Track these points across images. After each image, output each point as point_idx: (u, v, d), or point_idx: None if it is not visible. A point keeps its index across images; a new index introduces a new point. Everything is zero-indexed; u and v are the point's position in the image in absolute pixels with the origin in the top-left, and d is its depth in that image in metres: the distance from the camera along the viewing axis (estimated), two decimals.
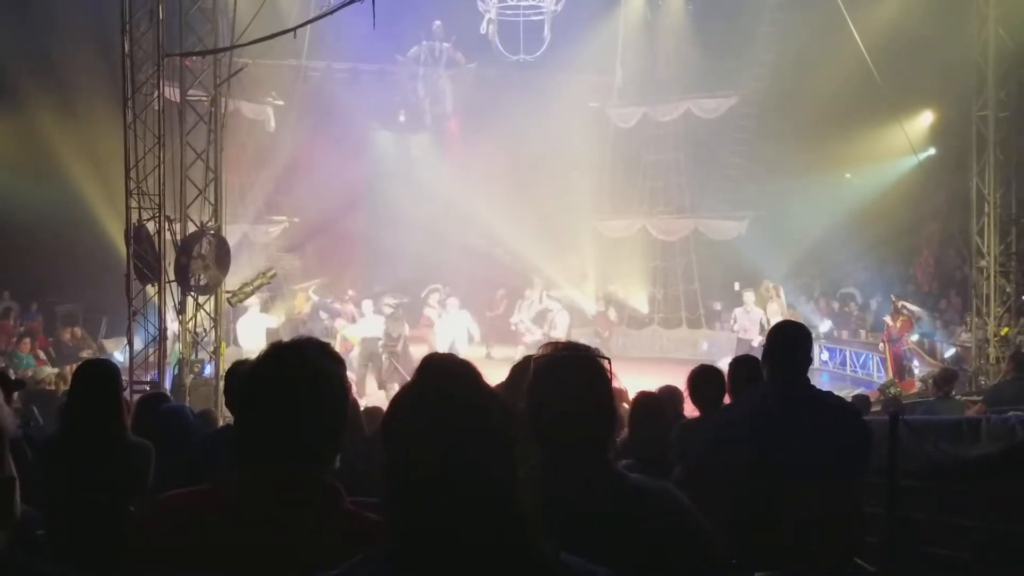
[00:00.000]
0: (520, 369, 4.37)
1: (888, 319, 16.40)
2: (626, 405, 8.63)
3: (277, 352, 1.97)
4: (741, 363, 4.83)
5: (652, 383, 14.77)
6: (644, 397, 5.40)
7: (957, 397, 10.88)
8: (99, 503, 3.95)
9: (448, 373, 1.60)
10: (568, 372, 2.16)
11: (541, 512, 1.80)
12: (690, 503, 2.14)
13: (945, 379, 10.55)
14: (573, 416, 2.12)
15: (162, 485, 4.15)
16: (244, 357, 4.97)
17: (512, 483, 1.53)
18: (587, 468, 2.11)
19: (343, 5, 10.20)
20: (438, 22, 21.07)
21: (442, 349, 15.13)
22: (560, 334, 16.33)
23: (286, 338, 2.17)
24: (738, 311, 18.22)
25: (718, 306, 22.20)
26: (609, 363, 2.20)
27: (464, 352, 15.35)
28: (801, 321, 19.94)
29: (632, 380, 14.89)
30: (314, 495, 1.87)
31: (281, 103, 19.93)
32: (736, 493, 3.92)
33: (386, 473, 1.52)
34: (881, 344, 16.99)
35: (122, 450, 4.09)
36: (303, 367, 1.91)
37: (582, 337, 21.61)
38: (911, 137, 16.52)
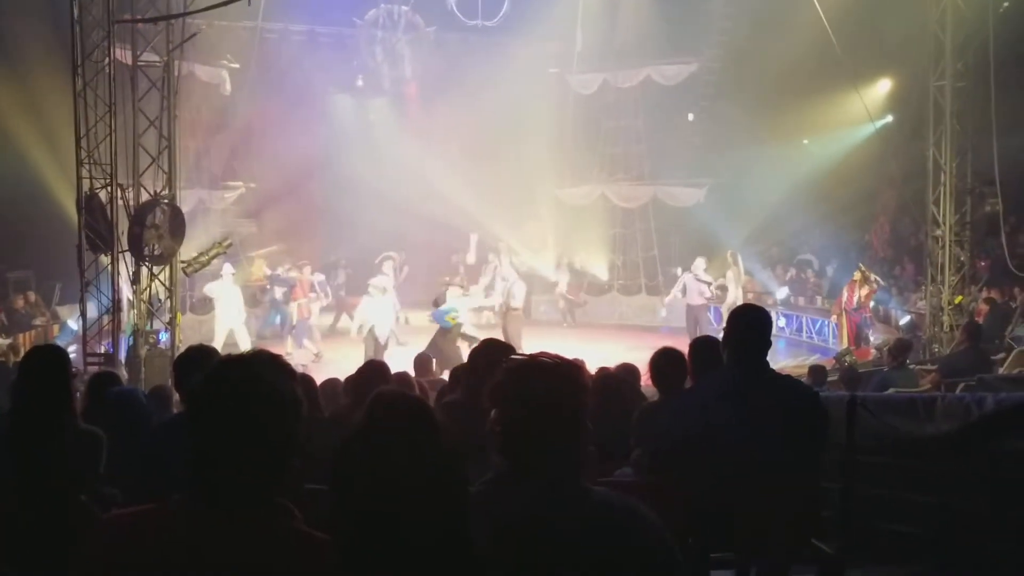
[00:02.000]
0: (479, 354, 4.35)
1: (859, 288, 16.43)
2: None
3: (226, 368, 1.90)
4: (702, 346, 4.82)
5: (612, 350, 14.83)
6: (603, 378, 5.40)
7: (911, 366, 11.06)
8: (48, 491, 3.87)
9: (400, 419, 1.56)
10: (536, 384, 2.09)
11: (501, 527, 1.78)
12: (657, 520, 2.09)
13: (900, 349, 10.70)
14: (539, 431, 2.06)
15: (115, 474, 4.09)
16: (200, 343, 4.88)
17: (461, 520, 1.52)
18: (552, 483, 2.07)
19: None
20: None
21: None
22: (518, 304, 16.25)
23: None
24: (687, 277, 18.06)
25: (677, 272, 22.32)
26: (583, 369, 2.15)
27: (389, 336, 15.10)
28: (758, 287, 20.27)
29: (592, 347, 15.04)
30: (263, 515, 1.82)
31: (237, 66, 19.52)
32: (695, 476, 3.94)
33: (336, 513, 1.49)
34: (834, 316, 17.15)
35: (72, 438, 3.99)
36: (253, 385, 1.84)
37: (543, 304, 21.69)
38: (869, 105, 16.60)
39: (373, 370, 5.67)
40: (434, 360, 10.62)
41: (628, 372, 6.26)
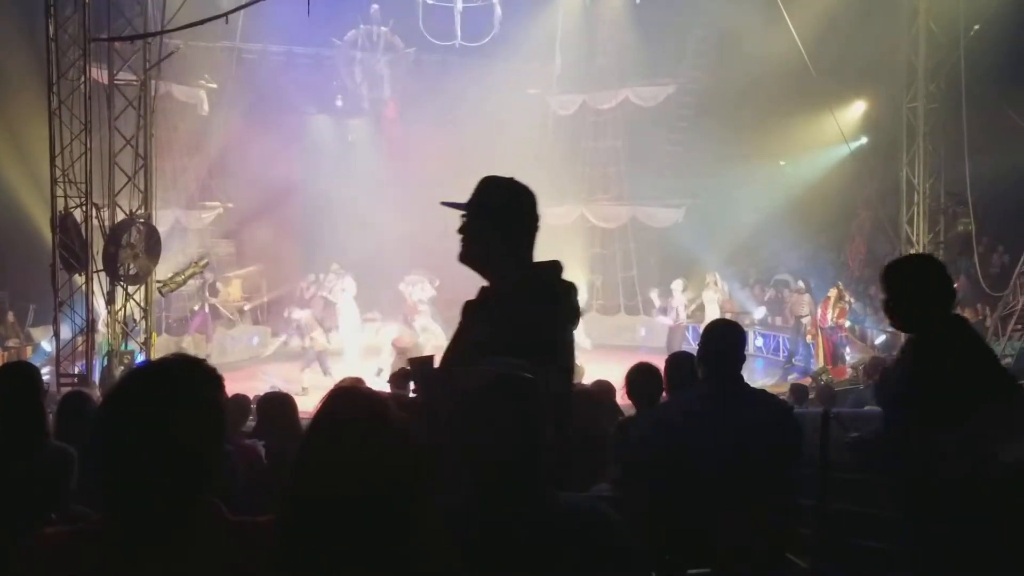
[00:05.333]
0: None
1: (832, 306, 16.48)
2: None
3: (138, 377, 1.84)
4: (678, 361, 4.83)
5: (590, 370, 14.81)
6: (577, 395, 5.39)
7: None
8: (18, 510, 3.81)
9: (353, 417, 1.58)
10: (497, 399, 2.07)
11: (469, 537, 1.79)
12: (619, 519, 2.10)
13: (874, 368, 10.80)
14: (502, 444, 2.04)
15: (91, 492, 4.04)
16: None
17: (414, 521, 1.53)
18: (517, 491, 2.06)
19: None
20: (375, 6, 20.82)
21: None
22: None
23: None
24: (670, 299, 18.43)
25: (655, 293, 22.38)
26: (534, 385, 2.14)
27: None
28: (736, 307, 20.35)
29: None
30: (190, 517, 1.78)
31: (214, 86, 19.51)
32: (668, 491, 3.93)
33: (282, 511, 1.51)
34: (809, 336, 17.22)
35: (43, 455, 3.94)
36: (166, 391, 1.78)
37: None
38: (844, 126, 16.79)
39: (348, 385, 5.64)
40: None
41: (603, 390, 6.26)
